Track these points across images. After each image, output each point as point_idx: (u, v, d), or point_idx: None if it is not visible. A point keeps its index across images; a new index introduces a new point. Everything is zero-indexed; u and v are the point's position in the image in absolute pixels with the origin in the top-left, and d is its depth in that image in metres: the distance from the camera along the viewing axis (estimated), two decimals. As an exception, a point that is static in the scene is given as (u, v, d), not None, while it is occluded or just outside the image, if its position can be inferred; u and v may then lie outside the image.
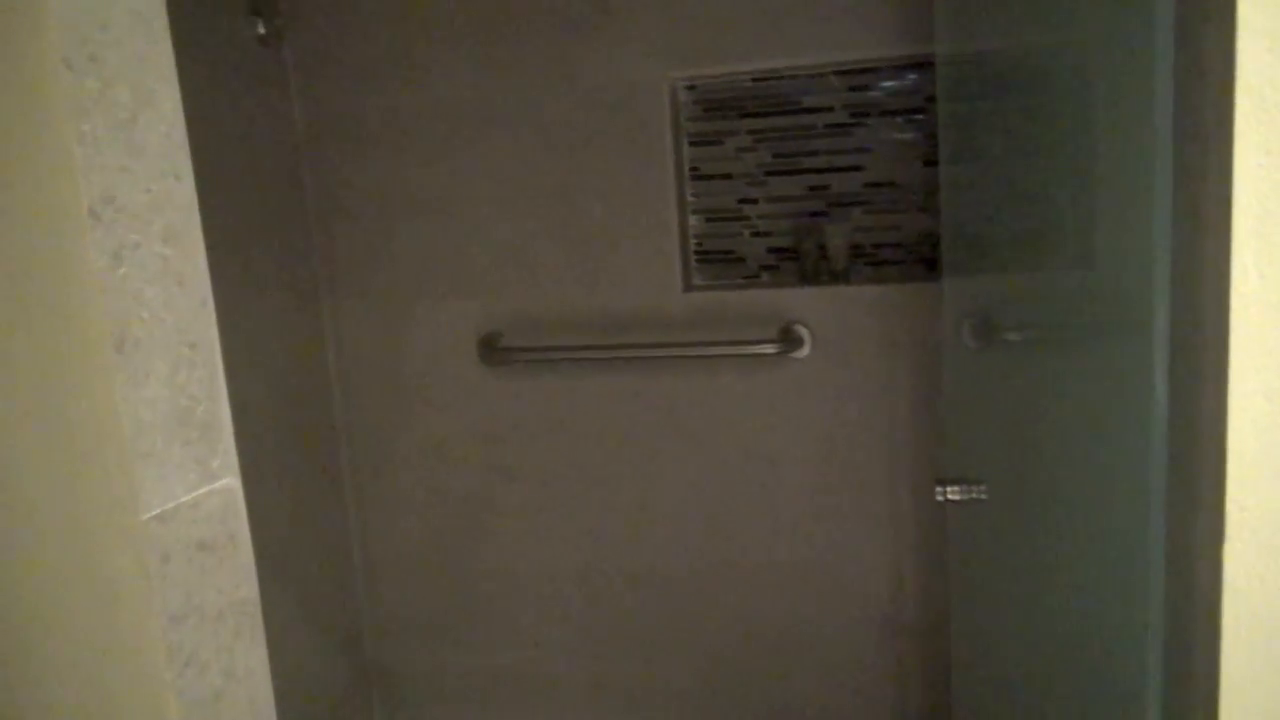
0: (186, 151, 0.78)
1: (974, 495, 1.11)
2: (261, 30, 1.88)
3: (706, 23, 1.76)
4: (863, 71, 1.79)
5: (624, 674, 2.01)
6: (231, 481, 0.80)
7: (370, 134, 1.92)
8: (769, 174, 1.86)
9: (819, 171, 1.83)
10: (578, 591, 2.00)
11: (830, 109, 1.81)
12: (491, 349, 1.90)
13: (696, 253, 1.92)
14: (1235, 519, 0.52)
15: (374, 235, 1.95)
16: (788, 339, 1.77)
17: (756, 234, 1.89)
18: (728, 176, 1.88)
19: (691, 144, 1.90)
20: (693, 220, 1.91)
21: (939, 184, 1.47)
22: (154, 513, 0.73)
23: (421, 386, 1.99)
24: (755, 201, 1.88)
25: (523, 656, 2.05)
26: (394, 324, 1.98)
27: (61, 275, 0.70)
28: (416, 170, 1.91)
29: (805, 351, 1.78)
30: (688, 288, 1.87)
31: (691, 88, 1.88)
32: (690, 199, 1.91)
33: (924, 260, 1.81)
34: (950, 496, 1.12)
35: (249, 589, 0.82)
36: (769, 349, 1.76)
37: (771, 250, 1.88)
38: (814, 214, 1.85)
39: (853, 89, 1.80)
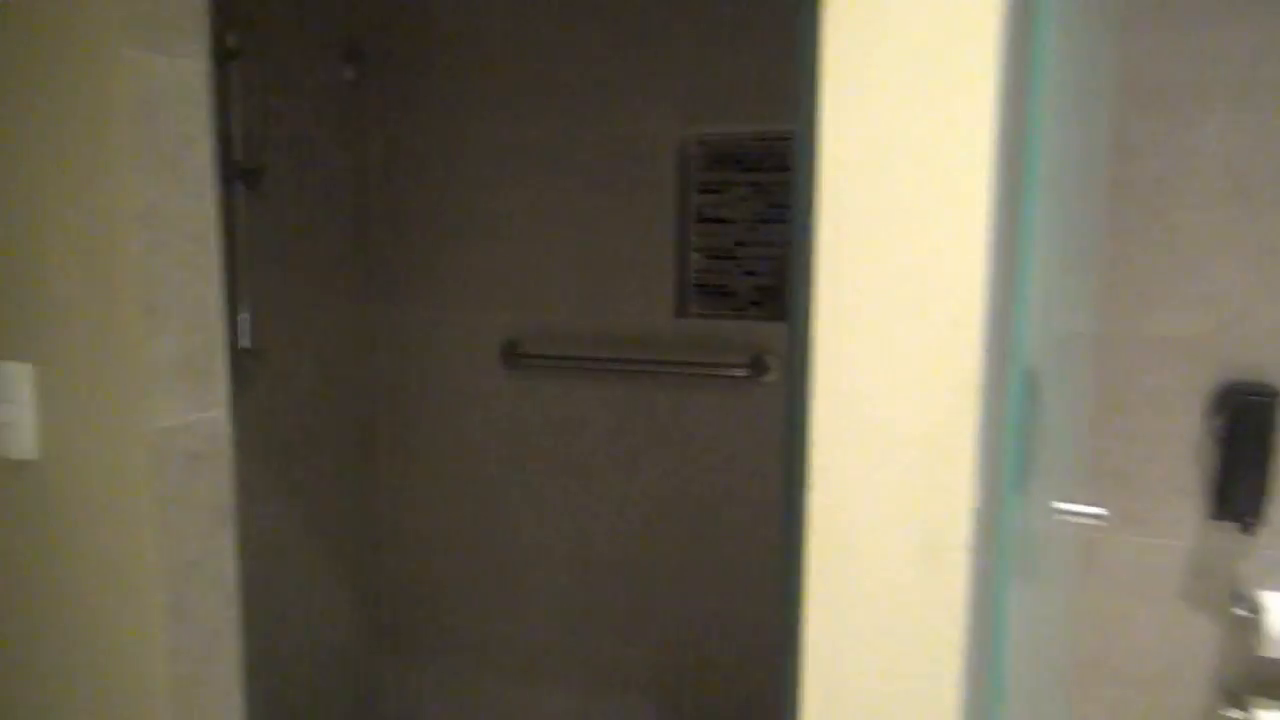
0: (209, 178, 1.11)
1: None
2: (350, 75, 2.27)
3: (719, 89, 2.05)
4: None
5: (599, 649, 2.28)
6: (219, 414, 1.13)
7: (430, 165, 2.28)
8: (760, 221, 2.12)
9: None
10: (566, 572, 2.28)
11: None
12: (512, 355, 2.22)
13: (694, 285, 2.20)
14: (816, 472, 0.77)
15: (423, 251, 2.31)
16: (757, 365, 2.02)
17: (746, 273, 2.15)
18: (726, 221, 2.15)
19: (700, 191, 2.18)
20: (695, 257, 2.19)
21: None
22: (163, 425, 1.06)
23: (452, 384, 2.32)
24: (748, 245, 2.14)
25: (516, 626, 2.35)
26: (433, 328, 2.32)
27: (114, 259, 1.04)
28: (465, 197, 2.26)
29: (771, 377, 2.03)
30: (680, 314, 2.15)
31: (702, 143, 2.16)
32: (694, 239, 2.18)
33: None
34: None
35: (225, 495, 1.15)
36: (740, 372, 2.02)
37: (757, 288, 2.14)
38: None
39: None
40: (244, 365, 1.91)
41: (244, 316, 1.89)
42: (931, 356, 0.75)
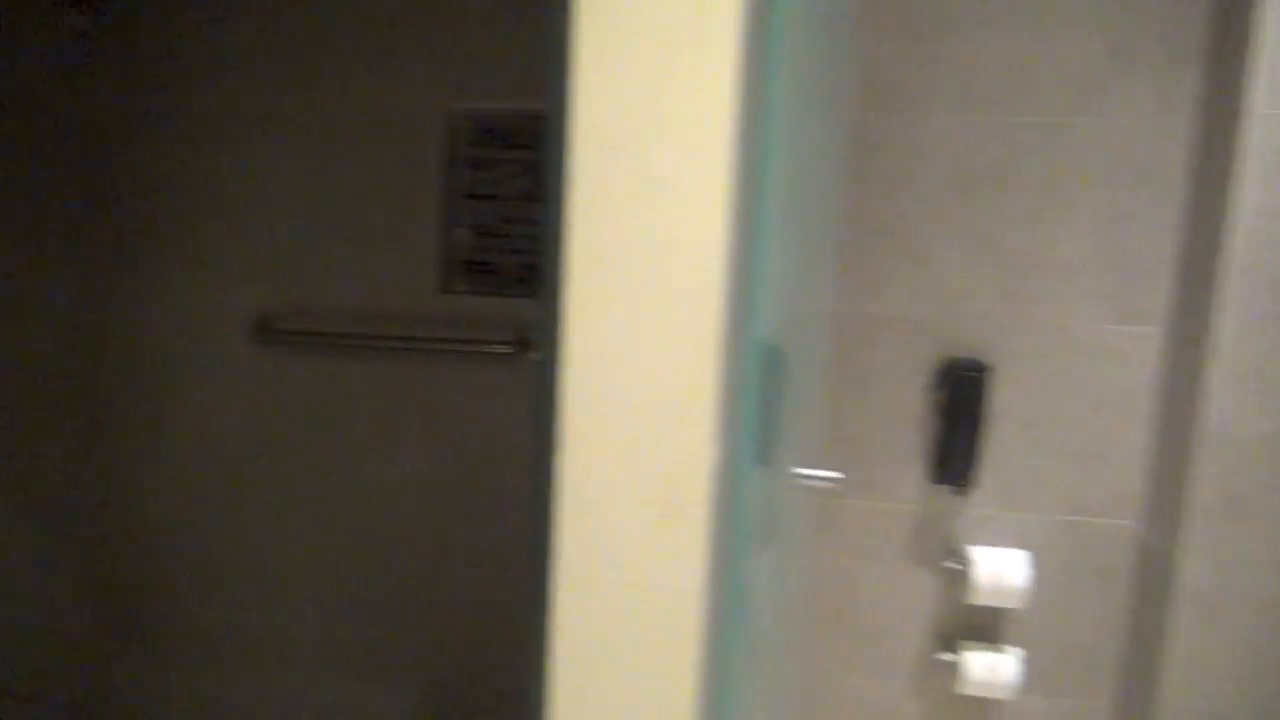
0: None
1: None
2: (82, 24, 2.06)
3: (488, 63, 2.03)
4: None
5: (360, 637, 2.22)
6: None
7: (178, 127, 2.11)
8: (529, 199, 2.13)
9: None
10: (323, 559, 2.21)
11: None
12: (265, 331, 2.11)
13: (463, 262, 2.17)
14: (570, 435, 0.80)
15: (168, 220, 2.14)
16: (523, 343, 2.03)
17: (514, 251, 2.15)
18: (494, 198, 2.14)
19: (471, 167, 2.15)
20: (462, 233, 2.16)
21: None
22: None
23: (198, 363, 2.18)
24: (516, 222, 2.14)
25: (271, 616, 2.24)
26: (177, 302, 2.17)
27: None
28: (215, 164, 2.12)
29: (537, 354, 2.05)
30: (445, 291, 2.12)
31: (471, 117, 2.13)
32: (461, 215, 2.16)
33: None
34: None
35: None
36: (506, 349, 2.02)
37: (524, 265, 2.15)
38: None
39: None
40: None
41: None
42: (675, 329, 0.79)
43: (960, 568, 1.93)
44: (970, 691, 1.90)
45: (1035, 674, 1.96)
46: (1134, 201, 1.83)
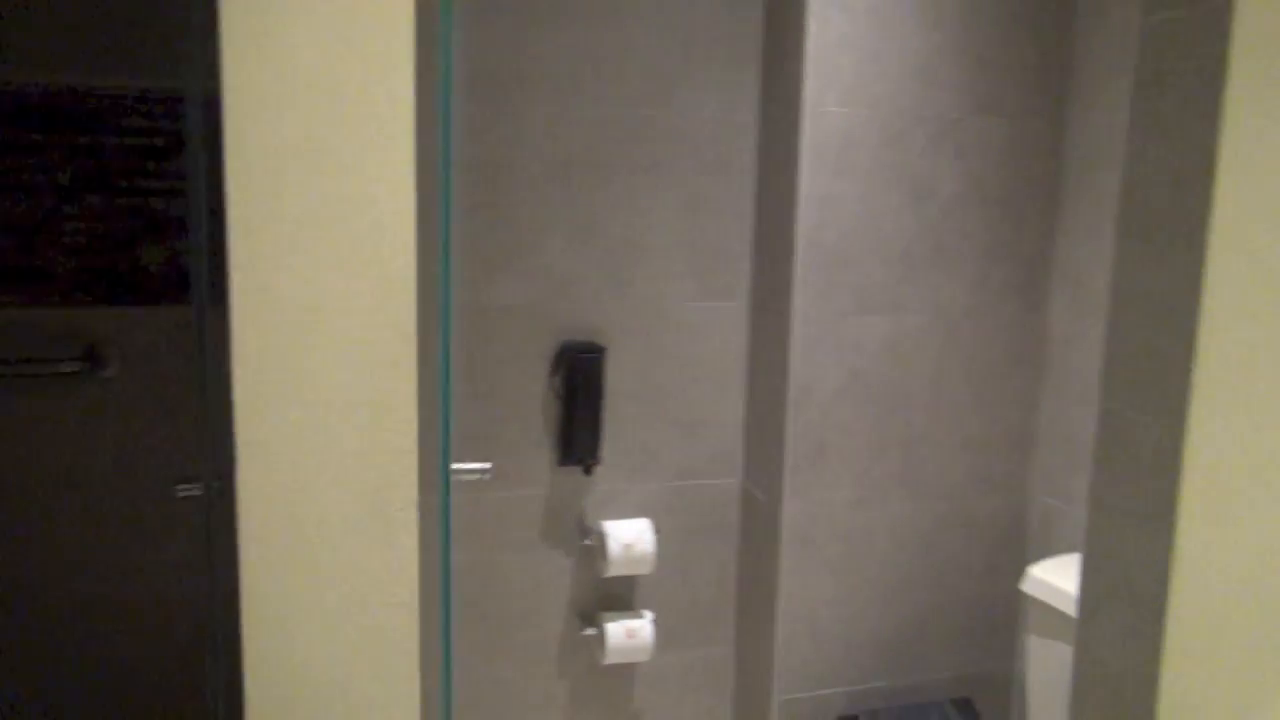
0: None
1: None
2: None
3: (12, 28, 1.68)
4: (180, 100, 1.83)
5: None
6: None
7: None
8: (82, 189, 1.81)
9: (146, 194, 1.83)
10: None
11: (156, 133, 1.83)
12: None
13: (-4, 267, 1.79)
14: (244, 448, 0.69)
15: None
16: (93, 358, 1.73)
17: (70, 251, 1.82)
18: (28, 190, 1.79)
19: (-5, 152, 1.78)
20: (-7, 233, 1.78)
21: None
22: None
23: None
24: (68, 218, 1.81)
25: None
26: None
27: None
28: None
29: (112, 370, 1.76)
30: (-21, 303, 1.73)
31: (-7, 92, 1.76)
32: (-11, 209, 1.78)
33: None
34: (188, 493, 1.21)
35: None
36: (71, 368, 1.70)
37: (84, 268, 1.83)
38: (135, 235, 1.84)
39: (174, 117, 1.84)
40: None
41: None
42: (368, 325, 0.70)
43: (594, 544, 2.00)
44: (612, 660, 1.97)
45: (666, 633, 2.09)
46: (714, 189, 2.01)
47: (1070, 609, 1.71)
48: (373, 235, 0.68)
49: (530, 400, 1.97)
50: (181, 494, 1.21)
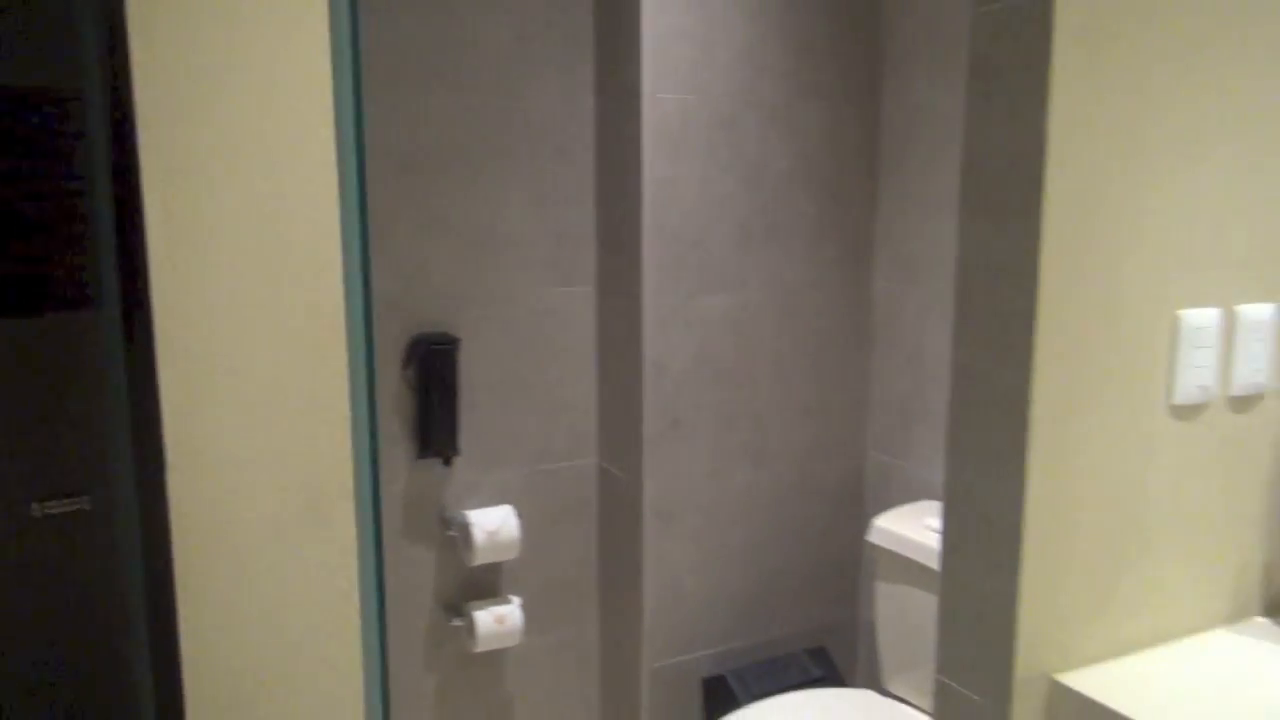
0: None
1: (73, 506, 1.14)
2: None
3: None
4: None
5: None
6: None
7: None
8: None
9: (30, 198, 1.67)
10: None
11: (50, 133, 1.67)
12: None
13: None
14: (175, 452, 0.67)
15: None
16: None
17: None
18: None
19: None
20: None
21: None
22: None
23: None
24: None
25: None
26: None
27: None
28: None
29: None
30: None
31: None
32: None
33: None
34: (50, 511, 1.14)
35: None
36: None
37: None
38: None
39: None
40: None
41: None
42: (295, 319, 0.70)
43: (457, 535, 1.99)
44: (483, 648, 1.98)
45: (534, 616, 2.11)
46: (558, 177, 2.04)
47: (913, 554, 1.86)
48: (295, 230, 0.67)
49: (383, 395, 1.94)
50: (46, 512, 1.13)
